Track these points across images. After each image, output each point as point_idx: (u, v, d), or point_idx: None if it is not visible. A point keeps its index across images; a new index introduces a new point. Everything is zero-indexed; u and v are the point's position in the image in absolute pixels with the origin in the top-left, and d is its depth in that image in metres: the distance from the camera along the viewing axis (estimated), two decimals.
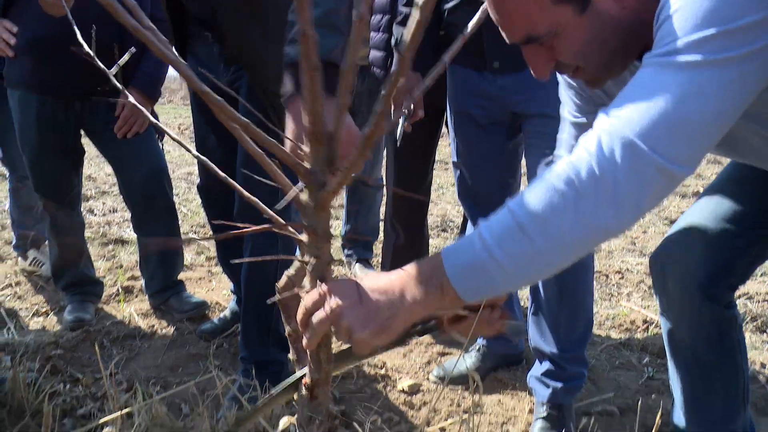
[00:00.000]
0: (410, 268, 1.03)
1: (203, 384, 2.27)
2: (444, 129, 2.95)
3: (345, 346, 1.14)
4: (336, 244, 3.60)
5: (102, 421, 1.88)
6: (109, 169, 6.05)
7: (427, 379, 2.45)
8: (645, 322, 2.96)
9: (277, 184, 1.00)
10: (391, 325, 1.00)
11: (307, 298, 1.02)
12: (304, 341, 1.04)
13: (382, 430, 2.04)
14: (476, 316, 1.19)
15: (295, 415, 1.36)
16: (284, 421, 1.49)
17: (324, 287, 1.01)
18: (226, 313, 2.84)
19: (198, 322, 2.90)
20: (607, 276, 3.64)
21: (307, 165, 0.95)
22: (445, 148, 5.05)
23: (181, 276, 3.16)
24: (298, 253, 1.23)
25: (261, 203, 1.08)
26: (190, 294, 3.09)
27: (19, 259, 3.54)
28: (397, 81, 0.80)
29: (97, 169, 6.29)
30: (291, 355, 1.20)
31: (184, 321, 2.92)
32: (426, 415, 2.18)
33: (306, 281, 1.07)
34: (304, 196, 0.98)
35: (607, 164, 0.94)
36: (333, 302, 0.99)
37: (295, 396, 1.21)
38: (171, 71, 3.08)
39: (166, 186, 2.90)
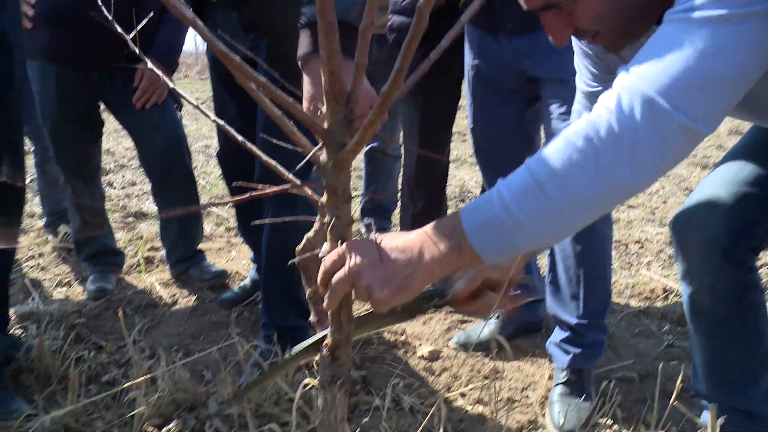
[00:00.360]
0: (429, 228, 1.02)
1: (225, 350, 2.30)
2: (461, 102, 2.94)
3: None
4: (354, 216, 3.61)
5: (127, 386, 1.91)
6: (127, 143, 6.09)
7: (447, 345, 2.46)
8: (665, 290, 2.95)
9: (296, 146, 1.00)
10: (410, 285, 0.99)
11: (327, 259, 1.03)
12: (325, 302, 1.05)
13: (402, 395, 2.05)
14: (493, 294, 1.20)
15: (317, 377, 1.38)
16: (305, 383, 1.50)
17: (344, 247, 1.01)
18: (247, 281, 2.86)
19: (218, 291, 2.92)
20: (626, 246, 3.63)
21: (325, 125, 0.95)
22: (462, 120, 5.03)
23: (201, 246, 3.18)
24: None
25: (281, 167, 1.08)
26: (211, 263, 3.12)
27: (50, 237, 3.57)
28: (416, 37, 0.80)
29: (115, 144, 6.32)
30: (312, 318, 1.21)
31: (204, 290, 2.95)
32: (446, 380, 2.20)
33: (326, 242, 1.08)
34: (324, 156, 0.98)
35: (626, 121, 0.93)
36: (352, 262, 0.99)
37: (317, 358, 1.22)
38: (187, 45, 3.08)
39: (185, 155, 2.92)
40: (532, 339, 2.50)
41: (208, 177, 5.15)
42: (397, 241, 1.02)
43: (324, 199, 1.01)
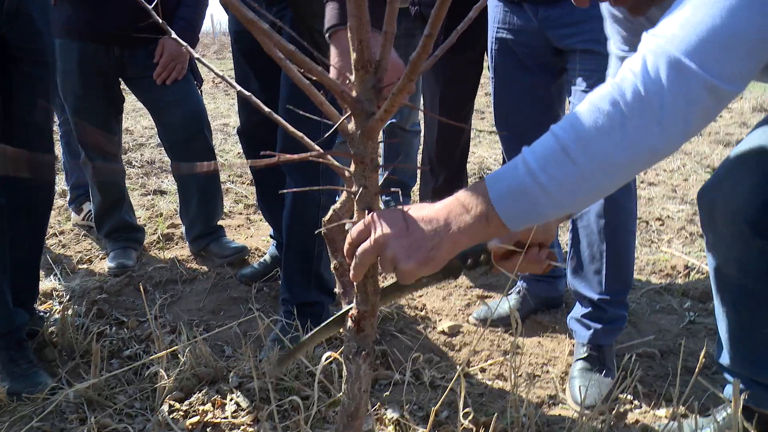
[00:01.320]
0: (455, 197, 1.02)
1: (245, 326, 2.31)
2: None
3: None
4: None
5: (148, 359, 1.93)
6: (145, 122, 6.11)
7: (467, 321, 2.46)
8: (686, 267, 2.93)
9: (322, 117, 1.00)
10: (436, 256, 0.99)
11: (354, 229, 1.03)
12: (351, 273, 1.05)
13: (422, 369, 2.06)
14: (524, 252, 1.20)
15: (340, 350, 1.38)
16: (326, 356, 1.51)
17: (370, 217, 1.01)
18: (266, 257, 2.87)
19: (238, 267, 2.93)
20: (647, 223, 3.60)
21: (354, 93, 0.95)
22: (481, 97, 5.00)
23: (221, 223, 3.20)
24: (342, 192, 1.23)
25: (305, 138, 1.07)
26: (230, 240, 3.13)
27: (73, 214, 3.60)
28: (446, 1, 0.79)
29: (134, 122, 6.34)
30: (337, 289, 1.22)
31: (224, 266, 2.96)
32: (466, 355, 2.20)
33: (353, 212, 1.07)
34: (351, 125, 0.98)
35: (652, 84, 0.92)
36: (378, 232, 0.98)
37: (341, 330, 1.23)
38: (204, 25, 3.07)
39: (205, 130, 2.92)
40: (553, 315, 2.50)
41: (227, 155, 5.16)
42: (423, 211, 1.01)
43: (351, 168, 1.01)
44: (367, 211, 1.02)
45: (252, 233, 3.44)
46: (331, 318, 1.19)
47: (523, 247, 1.17)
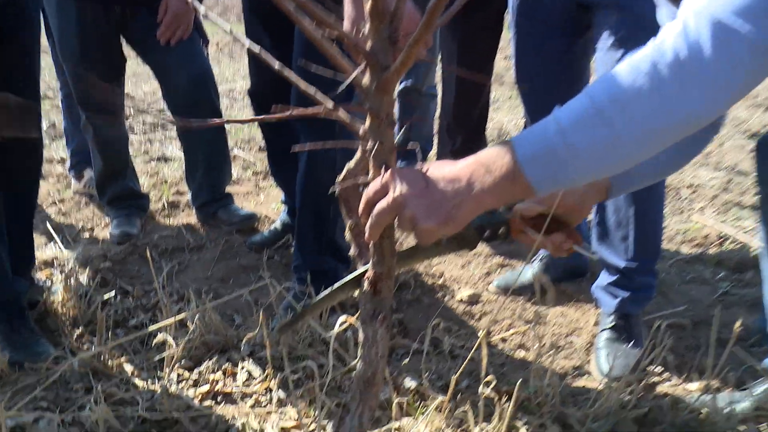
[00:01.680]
0: (479, 156, 1.02)
1: (256, 294, 2.35)
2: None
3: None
4: None
5: (156, 326, 1.97)
6: (146, 87, 6.13)
7: (487, 289, 2.50)
8: (719, 237, 2.94)
9: (336, 71, 1.02)
10: (457, 215, 1.00)
11: (370, 187, 1.05)
12: (366, 233, 1.07)
13: (441, 338, 2.10)
14: (542, 230, 1.22)
15: (355, 315, 1.42)
16: (341, 321, 1.54)
17: (388, 175, 1.02)
18: (277, 224, 2.91)
19: (247, 235, 2.98)
20: (677, 190, 3.60)
21: (368, 45, 0.96)
22: (500, 61, 4.97)
23: (228, 190, 3.23)
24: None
25: (319, 93, 1.09)
26: (239, 207, 3.17)
27: (73, 181, 3.63)
28: None
29: (134, 88, 6.36)
30: (352, 251, 1.24)
31: (233, 233, 3.01)
32: (486, 325, 2.23)
33: (369, 170, 1.09)
34: (366, 79, 0.99)
35: (693, 46, 0.92)
36: (397, 190, 1.00)
37: (356, 293, 1.25)
38: None
39: (211, 91, 2.93)
40: (577, 283, 2.52)
41: None
42: (444, 169, 1.02)
43: (366, 124, 1.03)
44: (383, 169, 1.04)
45: (261, 201, 3.48)
46: (345, 279, 1.22)
47: (545, 221, 1.19)
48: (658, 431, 1.68)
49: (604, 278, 2.14)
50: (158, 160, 4.18)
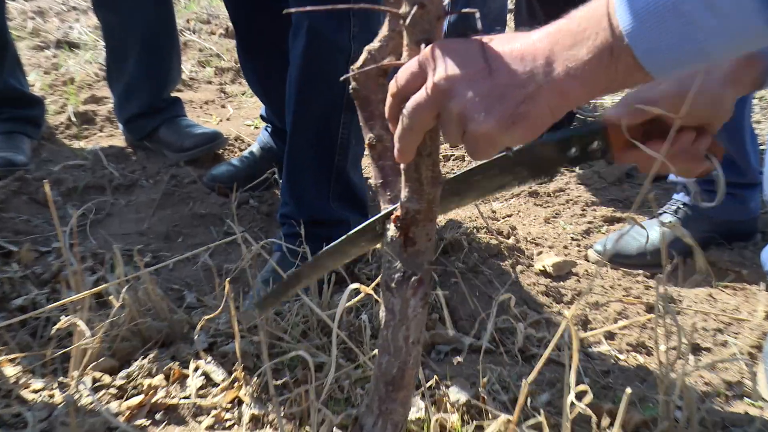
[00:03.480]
0: (562, 23, 1.02)
1: (219, 257, 2.36)
2: None
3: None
4: None
5: (57, 305, 1.97)
6: None
7: (584, 257, 2.51)
8: None
9: None
10: (530, 112, 1.00)
11: (401, 72, 1.04)
12: (396, 146, 1.07)
13: (507, 329, 2.11)
14: (666, 141, 1.21)
15: (373, 282, 1.42)
16: (350, 291, 1.55)
17: (428, 51, 1.02)
18: (253, 150, 2.93)
19: (207, 166, 3.01)
20: None
21: None
22: None
23: (176, 95, 3.25)
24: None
25: None
26: (193, 122, 3.18)
27: None
28: None
29: None
30: (374, 180, 1.25)
31: (182, 164, 3.03)
32: (582, 312, 2.24)
33: (401, 51, 1.09)
34: None
35: None
36: (440, 72, 1.00)
37: (377, 247, 1.26)
38: None
39: None
40: (738, 251, 2.52)
41: None
42: (512, 43, 1.02)
43: None
44: (423, 45, 1.04)
45: (229, 113, 3.49)
46: (359, 227, 1.23)
47: (664, 130, 1.18)
48: None
49: None
50: (58, 45, 4.16)
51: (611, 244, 2.51)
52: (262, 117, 3.00)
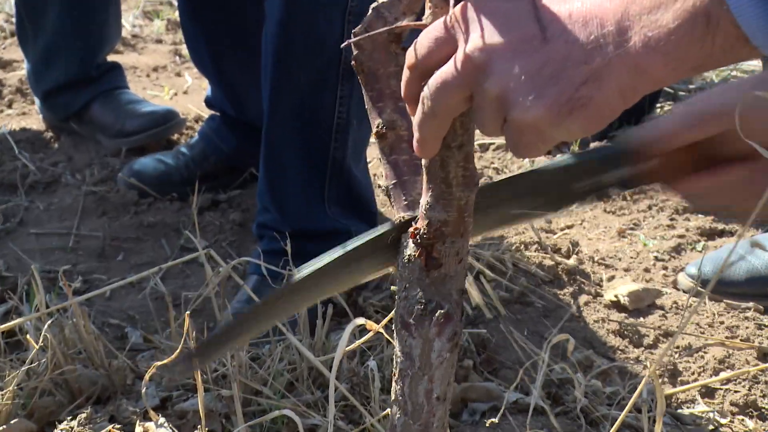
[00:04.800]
0: None
1: (174, 281, 2.41)
2: None
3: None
4: None
5: None
6: None
7: (674, 285, 2.54)
8: None
9: None
10: (594, 96, 1.00)
11: (423, 38, 1.07)
12: (415, 140, 1.10)
13: (564, 382, 2.13)
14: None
15: (385, 318, 1.46)
16: (353, 329, 1.58)
17: (460, 11, 1.04)
18: (193, 143, 3.01)
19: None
20: None
21: None
22: None
23: (113, 59, 3.31)
24: None
25: None
26: (138, 96, 3.25)
27: None
28: None
29: None
30: (384, 181, 1.27)
31: (122, 153, 3.10)
32: (668, 357, 2.26)
33: (422, 6, 1.12)
34: None
35: None
36: (476, 40, 1.01)
37: (389, 269, 1.29)
38: None
39: None
40: None
41: None
42: (573, 1, 1.03)
43: None
44: (453, 1, 1.06)
45: (186, 84, 3.53)
46: (366, 236, 1.25)
47: (712, 158, 1.20)
48: None
49: None
50: None
51: (711, 266, 2.52)
52: (207, 102, 3.06)
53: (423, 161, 1.13)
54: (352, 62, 1.23)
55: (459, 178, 1.13)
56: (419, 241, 1.17)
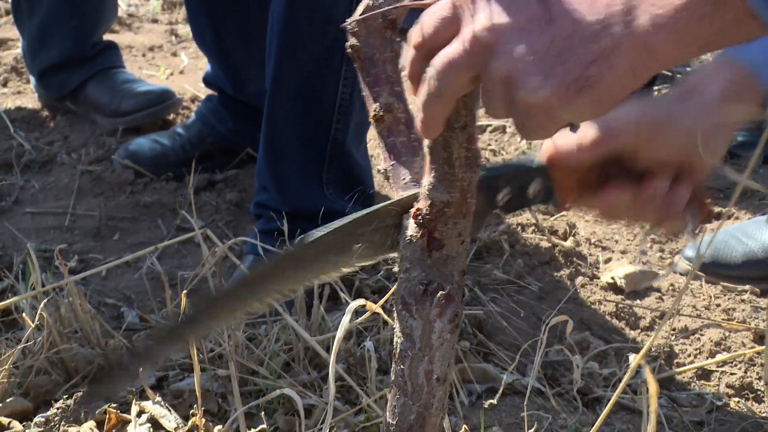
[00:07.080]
0: None
1: (171, 260, 2.41)
2: None
3: None
4: None
5: None
6: None
7: (668, 265, 2.54)
8: None
9: None
10: (604, 75, 0.99)
11: (428, 16, 1.05)
12: (419, 117, 1.09)
13: (562, 364, 2.13)
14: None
15: (383, 298, 1.45)
16: (352, 309, 1.56)
17: None
18: (189, 124, 3.00)
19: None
20: None
21: None
22: None
23: (109, 38, 3.29)
24: None
25: None
26: (134, 76, 3.23)
27: None
28: None
29: None
30: (384, 164, 1.26)
31: (118, 133, 3.08)
32: (666, 340, 2.26)
33: None
34: None
35: None
36: (483, 18, 1.00)
37: (386, 255, 1.28)
38: None
39: None
40: None
41: None
42: None
43: None
44: None
45: (183, 64, 3.52)
46: (362, 213, 1.24)
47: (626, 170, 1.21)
48: None
49: None
50: None
51: (707, 248, 2.51)
52: (205, 80, 3.04)
53: (426, 142, 1.12)
54: (349, 48, 1.23)
55: (462, 159, 1.12)
56: (421, 221, 1.16)
